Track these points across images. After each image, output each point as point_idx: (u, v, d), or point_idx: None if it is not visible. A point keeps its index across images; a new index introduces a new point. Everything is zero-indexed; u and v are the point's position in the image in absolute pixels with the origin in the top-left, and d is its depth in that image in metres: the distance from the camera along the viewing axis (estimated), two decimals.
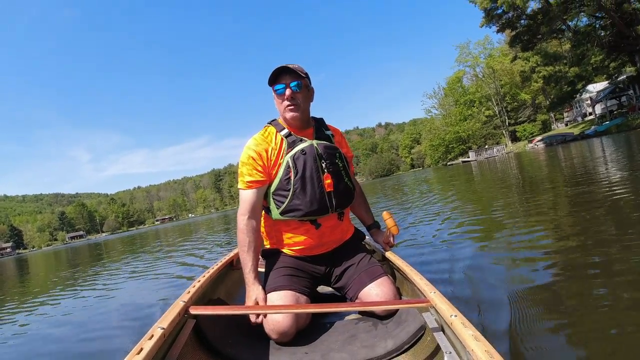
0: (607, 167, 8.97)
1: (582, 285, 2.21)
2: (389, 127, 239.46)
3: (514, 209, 5.54)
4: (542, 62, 44.08)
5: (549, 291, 2.14)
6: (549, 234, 3.71)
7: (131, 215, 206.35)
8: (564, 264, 2.62)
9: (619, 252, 2.69)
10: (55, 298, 6.44)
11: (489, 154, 56.13)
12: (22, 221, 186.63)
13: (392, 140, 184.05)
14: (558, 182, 8.26)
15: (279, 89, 2.11)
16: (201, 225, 28.12)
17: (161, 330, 1.38)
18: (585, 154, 14.51)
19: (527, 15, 35.90)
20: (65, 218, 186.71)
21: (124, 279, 7.24)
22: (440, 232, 5.06)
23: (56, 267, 15.86)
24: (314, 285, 2.19)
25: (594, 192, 5.66)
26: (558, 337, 1.72)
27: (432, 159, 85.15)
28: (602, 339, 1.66)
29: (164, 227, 65.08)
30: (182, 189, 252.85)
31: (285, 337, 1.81)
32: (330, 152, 2.14)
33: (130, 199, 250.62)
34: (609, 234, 3.38)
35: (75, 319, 4.45)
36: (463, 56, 67.91)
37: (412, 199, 11.56)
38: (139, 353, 1.21)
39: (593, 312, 1.89)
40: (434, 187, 15.53)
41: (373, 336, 1.76)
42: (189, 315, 1.67)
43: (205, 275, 2.22)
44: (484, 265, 3.04)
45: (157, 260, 9.67)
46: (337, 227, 2.19)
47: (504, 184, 10.37)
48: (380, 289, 1.96)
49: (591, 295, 2.06)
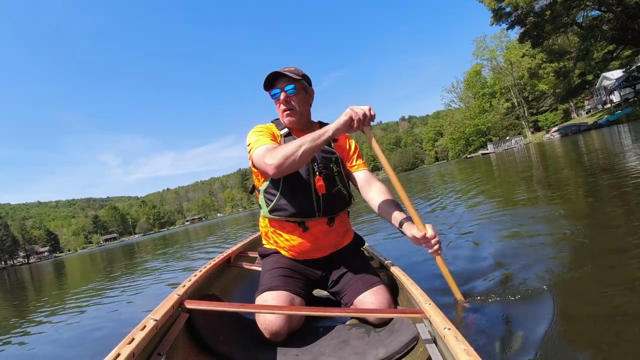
0: (607, 156, 9.24)
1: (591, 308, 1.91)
2: (413, 121, 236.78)
3: (527, 206, 5.25)
4: (548, 59, 44.44)
5: (549, 314, 1.89)
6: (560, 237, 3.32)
7: (162, 217, 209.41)
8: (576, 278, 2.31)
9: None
10: (95, 294, 6.98)
11: (507, 145, 56.39)
12: (57, 226, 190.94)
13: (415, 134, 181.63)
14: (564, 173, 8.37)
15: (275, 94, 2.14)
16: (229, 224, 29.60)
17: (154, 321, 1.39)
18: (594, 144, 14.76)
19: (535, 12, 36.39)
20: (98, 221, 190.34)
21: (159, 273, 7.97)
22: (454, 228, 4.98)
23: (94, 267, 16.83)
24: (309, 287, 2.16)
25: (595, 182, 5.93)
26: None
27: (453, 152, 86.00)
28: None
29: (194, 227, 65.34)
30: (209, 189, 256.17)
31: (277, 337, 1.81)
32: (324, 156, 2.11)
33: (160, 200, 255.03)
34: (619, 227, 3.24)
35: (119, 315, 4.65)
36: (480, 50, 68.66)
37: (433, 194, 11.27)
38: (129, 343, 1.22)
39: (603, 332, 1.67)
40: (453, 180, 15.63)
41: (365, 343, 1.76)
42: (182, 309, 1.68)
43: (202, 270, 2.23)
44: (487, 271, 2.84)
45: (189, 254, 10.61)
46: (331, 232, 2.15)
47: (519, 176, 10.29)
48: (376, 297, 1.93)
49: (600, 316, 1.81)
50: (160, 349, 1.39)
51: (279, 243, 2.17)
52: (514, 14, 37.59)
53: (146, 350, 1.30)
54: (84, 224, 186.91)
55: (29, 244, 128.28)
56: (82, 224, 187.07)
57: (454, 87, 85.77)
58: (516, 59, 62.04)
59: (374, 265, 2.36)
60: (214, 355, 1.68)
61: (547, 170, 10.20)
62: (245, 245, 3.30)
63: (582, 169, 8.16)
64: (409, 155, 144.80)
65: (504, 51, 66.31)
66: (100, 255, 30.01)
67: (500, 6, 37.16)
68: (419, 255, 3.72)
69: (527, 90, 66.30)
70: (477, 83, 76.77)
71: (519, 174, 10.89)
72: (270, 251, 2.23)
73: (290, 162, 1.82)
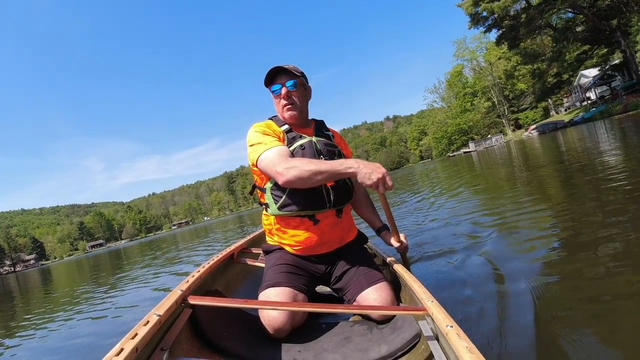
0: (579, 152, 10.19)
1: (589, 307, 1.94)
2: (397, 120, 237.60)
3: (509, 201, 5.48)
4: (522, 61, 45.84)
5: (552, 310, 1.94)
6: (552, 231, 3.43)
7: (148, 222, 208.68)
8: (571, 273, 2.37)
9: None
10: (82, 301, 6.96)
11: (488, 143, 57.58)
12: (43, 233, 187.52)
13: (400, 133, 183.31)
14: (541, 168, 8.92)
15: (275, 89, 2.15)
16: (217, 226, 29.63)
17: (157, 317, 1.39)
18: (568, 141, 15.89)
19: (510, 16, 37.58)
20: (84, 228, 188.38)
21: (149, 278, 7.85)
22: (436, 221, 5.36)
23: (81, 274, 16.69)
24: (312, 284, 2.16)
25: (568, 175, 6.52)
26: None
27: (437, 150, 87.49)
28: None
29: (181, 231, 64.79)
30: (196, 193, 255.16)
31: (280, 333, 1.81)
32: (329, 149, 2.15)
33: (146, 205, 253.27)
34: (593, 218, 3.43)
35: (108, 319, 4.70)
36: (460, 51, 70.12)
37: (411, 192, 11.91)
38: (133, 338, 1.22)
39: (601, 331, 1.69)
40: (435, 178, 16.32)
41: (367, 340, 1.76)
42: (185, 305, 1.68)
43: (205, 266, 2.24)
44: (482, 269, 2.88)
45: (176, 259, 10.76)
46: (337, 225, 2.15)
47: (498, 173, 11.00)
48: (378, 294, 1.94)
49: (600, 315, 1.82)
50: (163, 344, 1.41)
51: (283, 239, 2.16)
52: (491, 18, 38.77)
53: (149, 345, 1.32)
54: (70, 231, 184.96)
55: (15, 252, 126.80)
56: (68, 231, 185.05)
57: (436, 87, 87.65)
58: (495, 60, 63.42)
59: (377, 262, 2.39)
60: (216, 351, 1.69)
61: (524, 165, 10.89)
62: (249, 242, 3.31)
63: (555, 163, 8.84)
64: (394, 154, 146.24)
65: (483, 52, 67.61)
66: (87, 262, 29.77)
67: (477, 11, 38.32)
68: (422, 253, 3.83)
69: (508, 89, 67.56)
70: (458, 83, 78.18)
71: (499, 170, 11.66)
72: (274, 247, 2.22)
73: (301, 183, 1.88)
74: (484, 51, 67.29)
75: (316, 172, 1.82)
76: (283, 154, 1.94)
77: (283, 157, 1.91)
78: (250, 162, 2.10)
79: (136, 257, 17.99)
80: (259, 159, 1.99)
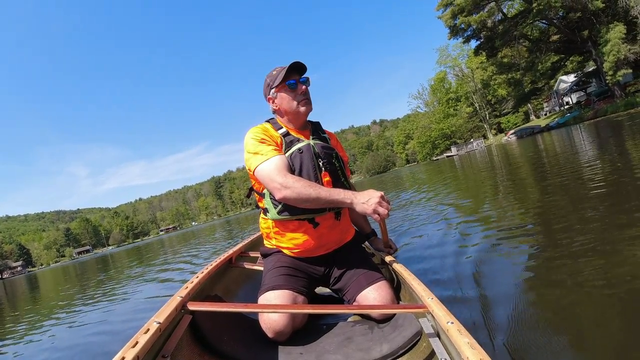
0: (550, 154, 11.25)
1: (588, 298, 1.96)
2: (384, 124, 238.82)
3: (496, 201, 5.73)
4: (497, 71, 47.28)
5: (553, 302, 1.98)
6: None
7: (135, 227, 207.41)
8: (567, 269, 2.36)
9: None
10: (70, 309, 6.85)
11: (469, 148, 58.67)
12: (28, 240, 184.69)
13: (387, 137, 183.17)
14: (518, 169, 9.67)
15: (291, 83, 2.13)
16: (204, 232, 29.75)
17: (157, 324, 1.39)
18: (543, 145, 16.96)
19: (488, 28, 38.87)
20: (70, 234, 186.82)
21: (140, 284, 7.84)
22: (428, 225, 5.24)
23: (67, 281, 16.35)
24: (312, 285, 2.16)
25: (542, 176, 7.11)
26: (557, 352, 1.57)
27: (421, 155, 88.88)
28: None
29: (168, 236, 63.58)
30: (183, 198, 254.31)
31: (281, 336, 1.80)
32: (327, 152, 2.14)
33: (133, 211, 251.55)
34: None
35: (101, 326, 4.62)
36: (443, 58, 71.11)
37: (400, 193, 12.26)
38: (134, 346, 1.21)
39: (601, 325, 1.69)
40: (421, 180, 16.79)
41: (369, 339, 1.75)
42: (185, 311, 1.67)
43: (204, 272, 2.21)
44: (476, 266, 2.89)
45: (165, 265, 10.50)
46: (336, 227, 2.15)
47: (480, 174, 11.63)
48: (378, 293, 1.93)
49: (603, 312, 1.81)
50: (164, 352, 1.40)
51: (282, 242, 2.15)
52: (470, 29, 39.93)
53: (150, 353, 1.31)
54: (56, 237, 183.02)
55: (1, 259, 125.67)
56: (54, 238, 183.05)
57: (420, 93, 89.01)
58: (475, 67, 64.86)
59: (376, 261, 2.37)
60: (218, 356, 1.69)
61: (502, 168, 11.68)
62: (247, 245, 3.29)
63: (530, 164, 9.72)
64: (381, 158, 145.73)
65: (465, 59, 68.87)
66: (74, 269, 29.49)
67: (456, 23, 39.62)
68: (420, 251, 3.85)
69: (490, 94, 68.85)
70: (442, 89, 79.69)
71: (478, 173, 12.40)
72: (272, 250, 2.21)
73: (296, 204, 1.93)
74: (466, 58, 68.57)
75: (313, 199, 1.87)
76: (281, 168, 1.94)
77: (281, 172, 1.92)
78: (248, 169, 2.10)
79: (124, 263, 18.08)
80: (257, 169, 2.00)
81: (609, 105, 31.72)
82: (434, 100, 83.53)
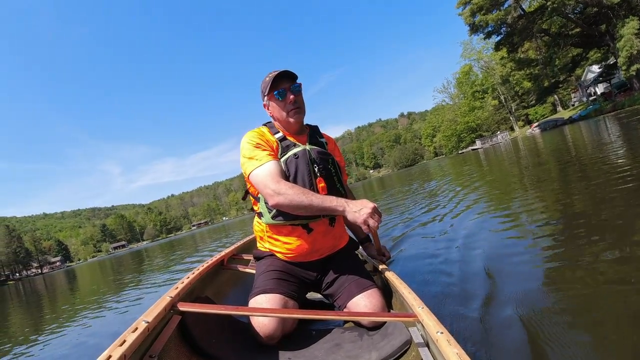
0: (569, 147, 11.24)
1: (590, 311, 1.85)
2: (412, 117, 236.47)
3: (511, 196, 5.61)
4: (516, 67, 47.04)
5: (547, 316, 1.88)
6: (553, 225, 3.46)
7: (168, 223, 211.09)
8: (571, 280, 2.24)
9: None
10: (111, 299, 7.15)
11: (494, 141, 58.65)
12: (66, 236, 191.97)
13: (415, 130, 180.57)
14: (543, 164, 9.21)
15: (280, 92, 2.09)
16: (234, 226, 30.61)
17: (145, 323, 1.38)
18: (564, 138, 16.71)
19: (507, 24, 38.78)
20: (106, 230, 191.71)
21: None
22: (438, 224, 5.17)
23: (105, 275, 17.01)
24: (303, 290, 2.14)
25: (563, 169, 6.96)
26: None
27: (447, 149, 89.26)
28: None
29: (200, 231, 63.73)
30: (214, 193, 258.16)
31: (270, 340, 1.79)
32: (323, 157, 2.10)
33: (166, 207, 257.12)
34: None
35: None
36: (467, 52, 70.97)
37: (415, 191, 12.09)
38: (121, 345, 1.21)
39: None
40: (450, 173, 16.63)
41: (358, 347, 1.74)
42: (174, 311, 1.66)
43: (195, 273, 2.18)
44: (478, 273, 2.81)
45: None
46: (330, 233, 2.11)
47: (503, 168, 11.50)
48: (369, 300, 1.91)
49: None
50: (152, 351, 1.38)
51: (275, 246, 2.12)
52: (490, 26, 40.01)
53: (138, 353, 1.30)
54: (92, 233, 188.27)
55: (42, 255, 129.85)
56: (91, 234, 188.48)
57: (445, 87, 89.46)
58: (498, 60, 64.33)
59: (368, 268, 2.36)
60: (206, 358, 1.67)
61: (524, 161, 11.59)
62: (239, 248, 3.25)
63: (552, 160, 9.46)
64: (409, 152, 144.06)
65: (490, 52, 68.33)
66: (110, 263, 30.40)
67: (475, 21, 39.76)
68: (413, 260, 3.73)
69: (517, 85, 68.19)
70: (467, 82, 79.31)
71: (502, 166, 12.53)
72: (265, 254, 2.18)
73: (289, 210, 1.91)
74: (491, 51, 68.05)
75: (306, 206, 1.84)
76: (274, 174, 1.92)
77: (274, 178, 1.90)
78: (243, 172, 2.08)
79: (157, 257, 18.32)
80: (251, 174, 1.99)
81: (627, 99, 31.69)
82: (460, 94, 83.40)
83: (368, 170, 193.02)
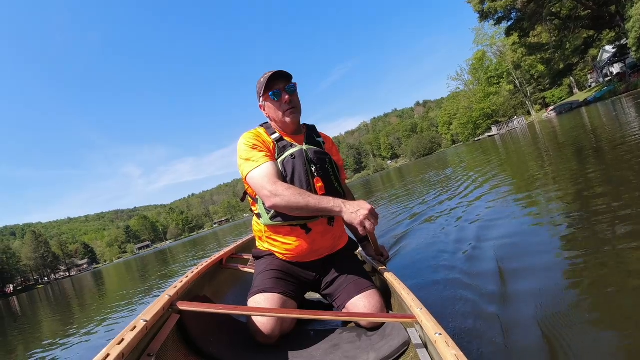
0: (585, 130, 11.25)
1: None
2: (428, 105, 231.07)
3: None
4: (527, 53, 46.76)
5: (546, 318, 1.85)
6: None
7: (190, 222, 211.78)
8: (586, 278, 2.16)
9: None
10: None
11: (510, 126, 58.10)
12: (91, 239, 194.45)
13: (431, 118, 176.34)
14: (559, 148, 9.35)
15: (275, 93, 2.09)
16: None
17: (144, 322, 1.37)
18: (580, 120, 16.82)
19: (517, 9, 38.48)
20: (130, 231, 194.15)
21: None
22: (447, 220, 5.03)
23: (130, 275, 17.59)
24: (302, 290, 2.13)
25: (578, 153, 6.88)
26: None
27: (463, 136, 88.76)
28: None
29: (222, 228, 64.18)
30: (233, 191, 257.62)
31: (268, 340, 1.78)
32: (320, 157, 2.09)
33: (187, 206, 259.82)
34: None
35: None
36: (480, 38, 70.84)
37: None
38: (119, 343, 1.20)
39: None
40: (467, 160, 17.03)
41: (356, 347, 1.73)
42: (173, 310, 1.65)
43: (194, 272, 2.17)
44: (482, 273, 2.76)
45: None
46: (329, 233, 2.10)
47: (520, 155, 11.43)
48: (368, 301, 1.90)
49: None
50: (150, 350, 1.38)
51: (274, 246, 2.11)
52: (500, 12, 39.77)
53: (136, 351, 1.30)
54: (117, 235, 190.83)
55: (69, 258, 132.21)
56: (115, 235, 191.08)
57: (459, 74, 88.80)
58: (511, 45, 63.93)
59: (367, 269, 2.33)
60: (204, 357, 1.67)
61: (541, 146, 11.68)
62: (238, 247, 3.24)
63: (566, 145, 9.45)
64: (426, 140, 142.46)
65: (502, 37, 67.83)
66: (135, 263, 31.10)
67: (484, 7, 39.57)
68: (412, 261, 3.69)
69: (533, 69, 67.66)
70: (481, 68, 78.86)
71: (519, 153, 12.50)
72: (265, 253, 2.17)
73: (285, 211, 1.91)
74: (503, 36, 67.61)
75: (302, 207, 1.82)
76: (271, 175, 1.91)
77: (271, 179, 1.89)
78: (241, 174, 2.07)
79: (180, 255, 18.80)
80: (248, 176, 1.98)
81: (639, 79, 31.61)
82: (474, 80, 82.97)
83: (386, 161, 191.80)
